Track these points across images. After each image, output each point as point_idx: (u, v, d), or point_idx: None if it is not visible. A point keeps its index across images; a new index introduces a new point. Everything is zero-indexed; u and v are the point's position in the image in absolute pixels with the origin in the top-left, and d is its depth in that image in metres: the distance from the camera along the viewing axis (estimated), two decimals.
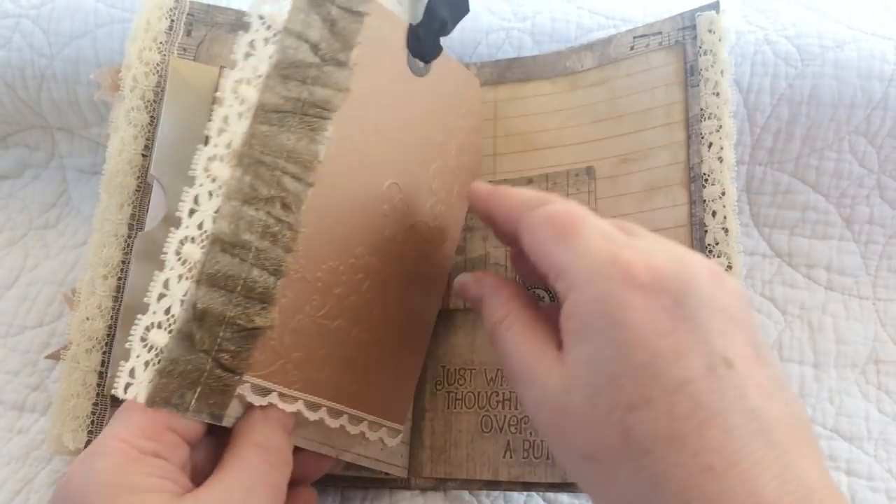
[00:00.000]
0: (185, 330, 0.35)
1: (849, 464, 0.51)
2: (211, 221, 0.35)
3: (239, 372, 0.36)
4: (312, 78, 0.38)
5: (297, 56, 0.37)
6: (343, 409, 0.41)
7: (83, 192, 0.60)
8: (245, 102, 0.36)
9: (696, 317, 0.31)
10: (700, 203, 0.43)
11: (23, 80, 0.56)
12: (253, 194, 0.36)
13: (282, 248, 0.37)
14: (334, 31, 0.39)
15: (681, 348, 0.30)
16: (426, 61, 0.44)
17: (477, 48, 0.55)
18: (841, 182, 0.56)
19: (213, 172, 0.36)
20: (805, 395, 0.54)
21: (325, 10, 0.38)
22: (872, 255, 0.57)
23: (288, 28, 0.37)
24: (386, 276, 0.43)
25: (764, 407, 0.30)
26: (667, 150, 0.45)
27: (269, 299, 0.37)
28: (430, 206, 0.45)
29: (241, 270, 0.36)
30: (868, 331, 0.55)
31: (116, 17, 0.55)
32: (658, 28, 0.47)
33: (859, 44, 0.54)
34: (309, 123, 0.38)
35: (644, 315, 0.31)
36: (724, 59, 0.44)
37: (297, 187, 0.37)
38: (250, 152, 0.36)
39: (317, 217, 0.39)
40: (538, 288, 0.46)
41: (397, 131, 0.43)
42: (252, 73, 0.37)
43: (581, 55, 0.49)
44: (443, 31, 0.45)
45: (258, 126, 0.36)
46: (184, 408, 0.35)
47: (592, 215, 0.34)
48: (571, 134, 0.48)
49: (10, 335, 0.55)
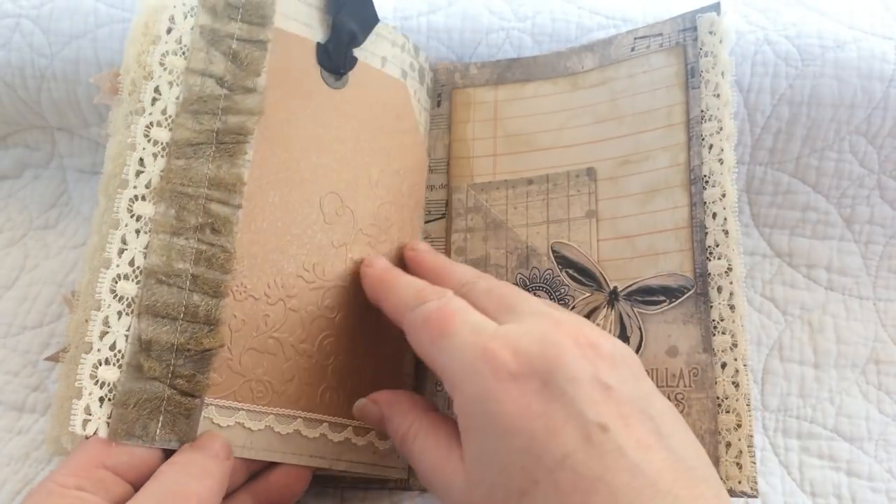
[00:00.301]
0: (134, 362, 0.37)
1: (849, 464, 0.51)
2: (142, 257, 0.38)
3: (198, 395, 0.38)
4: (223, 108, 0.41)
5: (203, 91, 0.40)
6: (321, 418, 0.42)
7: (83, 193, 0.60)
8: (158, 143, 0.39)
9: (566, 392, 0.33)
10: (701, 205, 0.43)
11: (23, 80, 0.56)
12: (180, 225, 0.39)
13: (218, 271, 0.39)
14: (237, 61, 0.42)
15: (555, 426, 0.32)
16: (340, 74, 0.46)
17: (477, 48, 0.55)
18: (841, 182, 0.56)
19: (136, 212, 0.38)
20: (805, 395, 0.54)
21: (225, 45, 0.41)
22: (873, 256, 0.57)
23: (190, 68, 0.40)
24: (345, 282, 0.45)
25: (647, 460, 0.32)
26: (668, 151, 0.45)
27: (215, 320, 0.39)
28: (376, 208, 0.47)
29: (180, 298, 0.38)
30: (868, 331, 0.55)
31: (116, 17, 0.55)
32: (659, 29, 0.47)
33: (860, 44, 0.54)
34: (227, 150, 0.40)
35: (517, 402, 0.33)
36: (725, 61, 0.44)
37: (224, 211, 0.40)
38: (171, 187, 0.39)
39: (252, 236, 0.41)
40: (539, 289, 0.46)
41: (326, 143, 0.45)
42: (161, 115, 0.40)
43: (582, 56, 0.49)
44: (353, 43, 0.47)
45: (175, 161, 0.39)
46: (149, 438, 0.37)
47: (464, 308, 0.37)
48: (572, 135, 0.48)
49: (9, 335, 0.55)
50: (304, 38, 0.45)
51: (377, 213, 0.46)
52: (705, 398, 0.41)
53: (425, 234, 0.50)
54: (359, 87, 0.47)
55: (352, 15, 0.47)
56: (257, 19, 0.43)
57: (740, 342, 0.41)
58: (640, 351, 0.43)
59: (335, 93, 0.46)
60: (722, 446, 0.40)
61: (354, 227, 0.45)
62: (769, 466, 0.52)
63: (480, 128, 0.51)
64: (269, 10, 0.43)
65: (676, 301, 0.43)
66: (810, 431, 0.53)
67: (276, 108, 0.43)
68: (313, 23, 0.46)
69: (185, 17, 0.41)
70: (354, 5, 0.47)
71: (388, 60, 0.49)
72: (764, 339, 0.55)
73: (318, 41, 0.46)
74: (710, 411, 0.40)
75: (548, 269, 0.47)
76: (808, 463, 0.52)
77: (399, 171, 0.48)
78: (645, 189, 0.45)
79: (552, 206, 0.48)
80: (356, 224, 0.46)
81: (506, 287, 0.41)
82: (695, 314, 0.42)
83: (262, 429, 0.40)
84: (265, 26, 0.43)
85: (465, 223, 0.49)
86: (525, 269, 0.47)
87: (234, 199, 0.40)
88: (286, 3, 0.45)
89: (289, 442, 0.41)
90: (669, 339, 0.42)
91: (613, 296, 0.45)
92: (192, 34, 0.41)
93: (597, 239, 0.46)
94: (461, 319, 0.37)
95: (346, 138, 0.46)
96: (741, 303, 0.41)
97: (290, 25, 0.45)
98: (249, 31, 0.42)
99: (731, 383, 0.40)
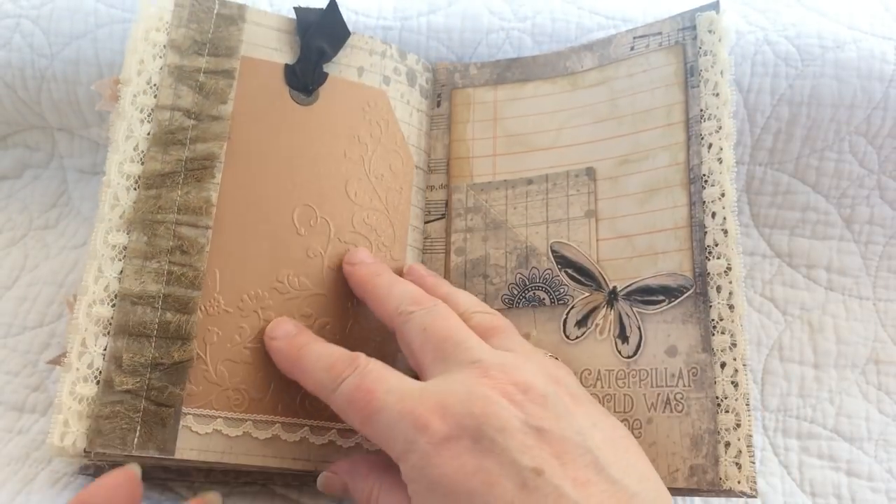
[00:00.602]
0: (110, 378, 0.40)
1: (849, 464, 0.51)
2: (117, 282, 0.41)
3: (171, 405, 0.40)
4: (192, 137, 0.44)
5: (172, 125, 0.44)
6: (301, 423, 0.43)
7: (83, 193, 0.60)
8: (131, 177, 0.43)
9: (496, 443, 0.34)
10: (700, 204, 0.43)
11: (23, 81, 0.56)
12: (152, 250, 0.42)
13: (189, 288, 0.42)
14: (204, 92, 0.45)
15: (491, 479, 0.33)
16: (309, 91, 0.48)
17: (477, 48, 0.55)
18: (841, 182, 0.56)
19: (111, 241, 0.42)
20: (805, 395, 0.54)
21: (192, 80, 0.45)
22: (872, 256, 0.57)
23: (159, 105, 0.44)
24: (322, 290, 0.46)
25: (586, 496, 0.33)
26: (667, 150, 0.45)
27: (186, 335, 0.41)
28: (355, 216, 0.47)
29: (153, 317, 0.41)
30: (868, 331, 0.55)
31: (116, 18, 0.55)
32: (658, 28, 0.47)
33: (859, 44, 0.54)
34: (195, 176, 0.43)
35: (452, 464, 0.34)
36: (724, 60, 0.44)
37: (194, 233, 0.43)
38: (141, 216, 0.42)
39: (224, 254, 0.43)
40: (538, 289, 0.46)
41: (298, 159, 0.47)
42: (133, 151, 0.43)
43: (581, 55, 0.49)
44: (322, 60, 0.48)
45: (145, 192, 0.42)
46: (127, 448, 0.39)
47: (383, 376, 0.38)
48: (571, 134, 0.48)
49: (10, 335, 0.55)
50: (272, 63, 0.47)
51: (356, 220, 0.47)
52: (704, 398, 0.41)
53: (425, 235, 0.50)
54: (330, 100, 0.48)
55: (321, 34, 0.48)
56: (224, 51, 0.46)
57: (739, 342, 0.41)
58: (640, 351, 0.43)
59: (305, 109, 0.47)
60: (721, 446, 0.40)
61: (331, 237, 0.46)
62: (769, 466, 0.52)
63: (480, 128, 0.51)
64: (236, 42, 0.46)
65: (676, 301, 0.43)
66: (810, 431, 0.53)
67: (245, 130, 0.46)
68: (283, 47, 0.48)
69: (154, 58, 0.45)
70: (323, 24, 0.48)
71: (366, 70, 0.50)
72: (764, 339, 0.55)
73: (287, 63, 0.48)
74: (709, 411, 0.40)
75: (547, 268, 0.47)
76: (807, 463, 0.52)
77: (381, 177, 0.49)
78: (644, 188, 0.45)
79: (552, 206, 0.48)
80: (332, 233, 0.46)
81: (441, 323, 0.41)
82: (694, 314, 0.42)
83: (240, 435, 0.42)
84: (232, 56, 0.46)
85: (464, 223, 0.49)
86: (524, 268, 0.47)
87: (202, 221, 0.43)
88: (253, 33, 0.47)
89: (268, 446, 0.42)
90: (669, 339, 0.42)
91: (613, 295, 0.45)
92: (161, 73, 0.44)
93: (596, 239, 0.46)
94: (384, 390, 0.37)
95: (318, 152, 0.47)
96: (740, 302, 0.41)
97: (258, 52, 0.47)
98: (216, 62, 0.46)
99: (731, 383, 0.40)
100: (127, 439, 0.39)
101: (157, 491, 0.45)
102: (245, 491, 0.46)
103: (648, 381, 0.42)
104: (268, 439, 0.42)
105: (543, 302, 0.46)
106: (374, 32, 0.55)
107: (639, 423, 0.42)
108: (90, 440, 0.39)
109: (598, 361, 0.44)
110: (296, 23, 0.49)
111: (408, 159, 0.50)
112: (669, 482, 0.40)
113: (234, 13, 0.47)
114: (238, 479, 0.46)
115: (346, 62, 0.49)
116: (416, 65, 0.52)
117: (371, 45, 0.50)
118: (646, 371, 0.43)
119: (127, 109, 0.43)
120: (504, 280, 0.47)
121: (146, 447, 0.40)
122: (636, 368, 0.43)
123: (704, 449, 0.40)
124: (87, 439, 0.39)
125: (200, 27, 0.46)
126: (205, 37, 0.46)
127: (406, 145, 0.50)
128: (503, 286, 0.47)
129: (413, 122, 0.51)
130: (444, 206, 0.50)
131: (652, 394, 0.42)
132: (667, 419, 0.41)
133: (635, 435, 0.42)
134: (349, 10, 0.55)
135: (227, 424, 0.42)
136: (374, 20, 0.56)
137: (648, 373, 0.42)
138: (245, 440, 0.42)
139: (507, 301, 0.47)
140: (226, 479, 0.46)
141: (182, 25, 0.46)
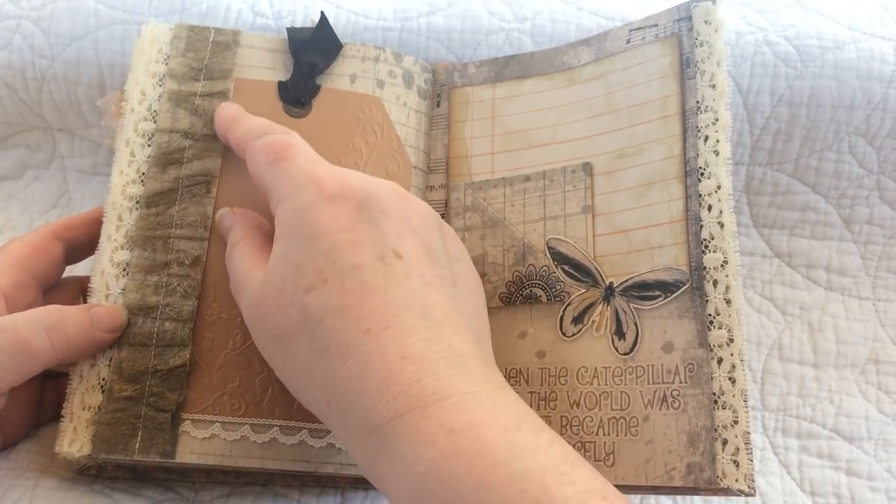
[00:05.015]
0: (115, 387, 0.42)
1: (849, 464, 0.51)
2: (121, 297, 0.43)
3: (169, 410, 0.42)
4: (188, 156, 0.46)
5: (171, 146, 0.46)
6: (300, 426, 0.43)
7: (84, 193, 0.60)
8: (133, 198, 0.45)
9: (374, 218, 0.37)
10: (696, 197, 0.43)
11: (23, 82, 0.57)
12: (153, 264, 0.44)
13: (187, 298, 0.44)
14: (199, 114, 0.47)
15: (357, 240, 0.36)
16: (302, 104, 0.49)
17: (477, 49, 0.55)
18: (840, 183, 0.56)
19: (116, 259, 0.44)
20: (805, 395, 0.54)
21: (188, 103, 0.47)
22: (872, 256, 0.57)
23: (159, 129, 0.46)
24: None
25: (424, 292, 0.36)
26: (662, 143, 0.45)
27: (183, 342, 0.43)
28: None
29: (153, 327, 0.43)
30: (868, 331, 0.55)
31: (117, 19, 0.55)
32: (654, 20, 0.47)
33: (859, 45, 0.54)
34: (191, 192, 0.46)
35: (329, 217, 0.37)
36: (721, 50, 0.44)
37: (191, 245, 0.45)
38: (144, 234, 0.44)
39: (221, 262, 0.44)
40: (535, 286, 0.46)
41: None
42: (136, 174, 0.45)
43: (578, 50, 0.50)
44: (314, 73, 0.50)
45: (146, 210, 0.45)
46: (129, 453, 0.41)
47: (304, 145, 0.41)
48: (568, 130, 0.48)
49: None
50: (265, 81, 0.49)
51: None
52: (701, 394, 0.40)
53: None
54: (323, 110, 0.49)
55: (313, 49, 0.50)
56: (219, 74, 0.48)
57: (737, 337, 0.40)
58: (636, 347, 0.43)
59: (299, 122, 0.49)
60: (718, 443, 0.39)
61: None
62: (769, 466, 0.51)
63: (478, 126, 0.51)
64: (230, 65, 0.49)
65: (672, 296, 0.42)
66: (810, 431, 0.52)
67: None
68: (276, 65, 0.50)
69: (154, 87, 0.47)
70: (315, 39, 0.50)
71: (359, 76, 0.50)
72: (764, 339, 0.55)
73: (280, 80, 0.49)
74: (706, 408, 0.40)
75: (544, 265, 0.47)
76: (807, 462, 0.51)
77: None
78: (640, 182, 0.45)
79: (549, 203, 0.47)
80: None
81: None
82: (690, 309, 0.42)
83: (238, 439, 0.42)
84: (226, 79, 0.48)
85: (463, 222, 0.49)
86: (521, 266, 0.47)
87: (200, 234, 0.45)
88: (247, 55, 0.49)
89: (267, 449, 0.43)
90: (665, 335, 0.42)
91: (609, 292, 0.44)
92: (160, 100, 0.47)
93: (593, 234, 0.46)
94: (300, 151, 0.40)
95: None
96: (737, 297, 0.41)
97: (252, 73, 0.49)
98: (212, 86, 0.48)
99: (728, 379, 0.40)
100: (129, 444, 0.41)
101: (158, 491, 0.45)
102: (245, 491, 0.46)
103: (645, 377, 0.42)
104: (266, 442, 0.43)
105: (540, 299, 0.46)
106: (374, 34, 0.55)
107: (636, 421, 0.42)
108: (94, 446, 0.41)
109: (595, 358, 0.44)
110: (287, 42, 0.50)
111: (405, 162, 0.50)
112: (666, 480, 0.40)
113: (229, 39, 0.49)
114: (239, 479, 0.47)
115: (338, 72, 0.50)
116: (414, 66, 0.52)
117: (363, 52, 0.51)
118: (642, 367, 0.42)
119: (130, 136, 0.46)
120: (501, 278, 0.47)
121: (148, 452, 0.41)
122: (633, 365, 0.43)
123: (701, 446, 0.39)
124: (92, 445, 0.41)
125: (197, 55, 0.48)
126: (201, 63, 0.48)
127: (403, 148, 0.50)
128: (500, 284, 0.47)
129: (410, 124, 0.51)
130: (443, 205, 0.50)
131: (648, 391, 0.42)
132: (663, 416, 0.41)
133: (632, 433, 0.41)
134: (349, 12, 0.56)
135: (225, 428, 0.42)
136: (374, 21, 0.56)
137: (645, 369, 0.42)
138: (244, 443, 0.42)
139: (504, 299, 0.47)
140: (227, 479, 0.46)
141: (179, 55, 0.48)
